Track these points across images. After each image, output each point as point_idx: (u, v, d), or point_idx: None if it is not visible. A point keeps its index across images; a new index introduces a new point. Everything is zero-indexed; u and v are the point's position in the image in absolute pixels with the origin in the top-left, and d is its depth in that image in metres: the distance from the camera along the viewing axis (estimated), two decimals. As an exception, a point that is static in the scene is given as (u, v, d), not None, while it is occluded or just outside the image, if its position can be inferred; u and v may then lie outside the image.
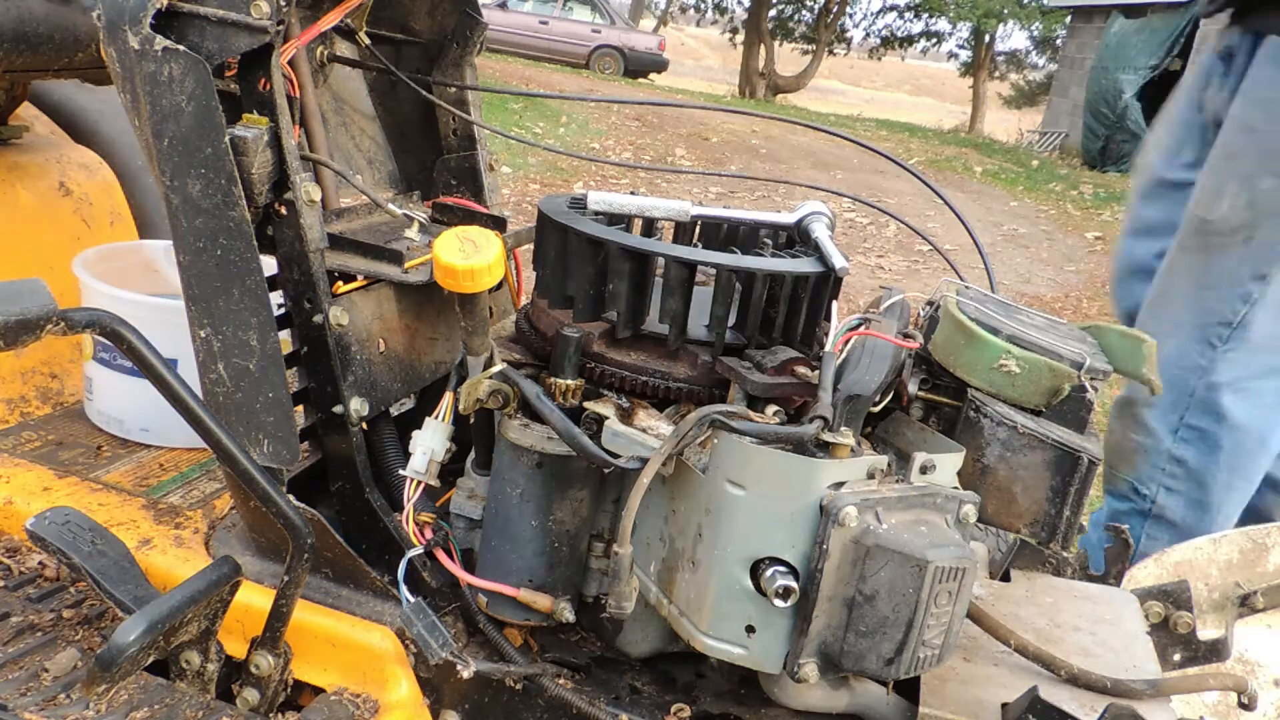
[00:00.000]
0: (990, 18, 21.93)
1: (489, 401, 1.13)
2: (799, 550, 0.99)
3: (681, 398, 1.14)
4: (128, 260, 1.88)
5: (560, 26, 18.83)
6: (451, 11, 1.52)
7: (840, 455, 1.00)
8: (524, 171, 8.17)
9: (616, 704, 1.24)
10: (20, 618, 1.30)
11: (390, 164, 1.65)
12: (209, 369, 1.20)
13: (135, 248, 1.94)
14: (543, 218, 1.20)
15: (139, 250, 1.93)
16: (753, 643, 1.03)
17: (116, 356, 1.66)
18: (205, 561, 1.32)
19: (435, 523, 1.26)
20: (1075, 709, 1.06)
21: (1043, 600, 1.35)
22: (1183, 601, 1.50)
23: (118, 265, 1.82)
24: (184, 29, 1.12)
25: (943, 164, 13.16)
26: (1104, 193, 12.44)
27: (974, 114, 23.41)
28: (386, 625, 1.27)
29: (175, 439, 1.72)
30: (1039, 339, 1.17)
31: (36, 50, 1.66)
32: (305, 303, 1.23)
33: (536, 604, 1.17)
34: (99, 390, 1.73)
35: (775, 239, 1.32)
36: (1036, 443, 1.14)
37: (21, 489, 1.51)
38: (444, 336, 1.45)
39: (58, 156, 2.04)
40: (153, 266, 1.92)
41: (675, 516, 1.08)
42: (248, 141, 1.13)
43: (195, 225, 1.15)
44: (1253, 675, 1.67)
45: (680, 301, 1.11)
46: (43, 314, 0.96)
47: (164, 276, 1.91)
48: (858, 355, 1.11)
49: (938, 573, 0.96)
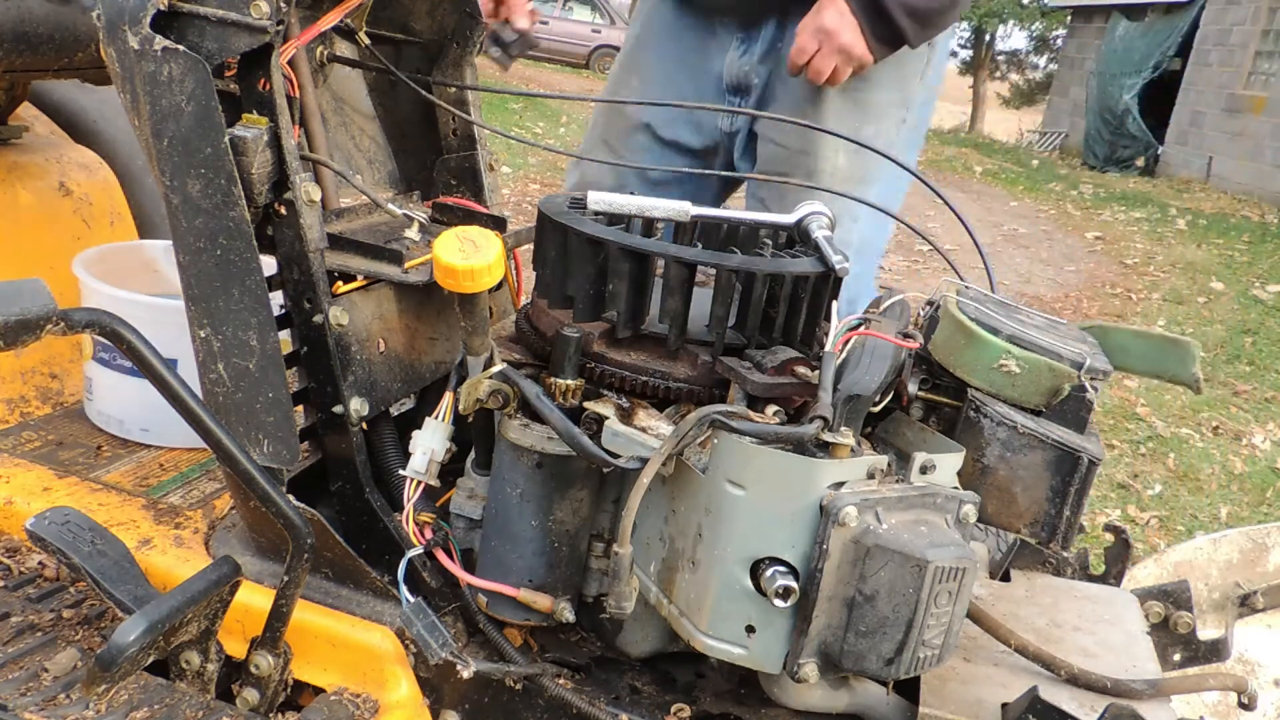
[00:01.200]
0: (991, 17, 21.92)
1: (489, 401, 1.13)
2: (799, 550, 0.99)
3: (681, 398, 1.14)
4: (128, 260, 1.88)
5: (560, 26, 18.82)
6: (451, 11, 1.52)
7: (840, 455, 1.00)
8: (524, 171, 8.17)
9: (616, 704, 1.24)
10: (20, 618, 1.30)
11: (390, 164, 1.65)
12: (209, 369, 1.20)
13: (135, 248, 1.94)
14: (543, 218, 1.20)
15: (139, 250, 1.93)
16: (753, 643, 1.03)
17: (116, 356, 1.66)
18: (205, 561, 1.32)
19: (435, 523, 1.26)
20: (1075, 709, 1.06)
21: (1043, 600, 1.35)
22: (1183, 601, 1.50)
23: (118, 265, 1.82)
24: (184, 29, 1.12)
25: (943, 164, 13.16)
26: (1104, 193, 12.44)
27: (974, 114, 23.41)
28: (386, 625, 1.27)
29: (175, 439, 1.71)
30: (1039, 339, 1.17)
31: (36, 50, 1.66)
32: (305, 303, 1.23)
33: (536, 604, 1.17)
34: (99, 390, 1.72)
35: (775, 239, 1.32)
36: (1036, 443, 1.14)
37: (21, 489, 1.51)
38: (444, 336, 1.45)
39: (58, 156, 2.04)
40: (153, 266, 1.92)
41: (675, 516, 1.08)
42: (247, 141, 1.13)
43: (195, 225, 1.15)
44: (1253, 675, 1.67)
45: (680, 301, 1.11)
46: (43, 314, 0.96)
47: (164, 276, 1.91)
48: (858, 355, 1.11)
49: (938, 573, 0.96)
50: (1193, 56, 14.82)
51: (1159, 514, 3.58)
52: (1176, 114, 14.98)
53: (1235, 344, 6.05)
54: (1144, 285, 7.65)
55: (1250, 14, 13.92)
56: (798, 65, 1.83)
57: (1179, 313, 6.82)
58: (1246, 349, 5.96)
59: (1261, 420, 4.74)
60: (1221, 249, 9.30)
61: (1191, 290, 7.53)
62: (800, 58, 1.81)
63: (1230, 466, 4.12)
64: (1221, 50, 14.34)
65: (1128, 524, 3.29)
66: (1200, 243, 9.53)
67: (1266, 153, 13.02)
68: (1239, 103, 13.75)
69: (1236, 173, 13.47)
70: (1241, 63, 13.95)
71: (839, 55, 1.78)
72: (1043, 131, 19.28)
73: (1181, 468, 4.03)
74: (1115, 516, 3.47)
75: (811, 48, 1.79)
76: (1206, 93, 14.48)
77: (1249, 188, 13.03)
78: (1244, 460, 4.21)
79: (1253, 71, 13.85)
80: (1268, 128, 13.06)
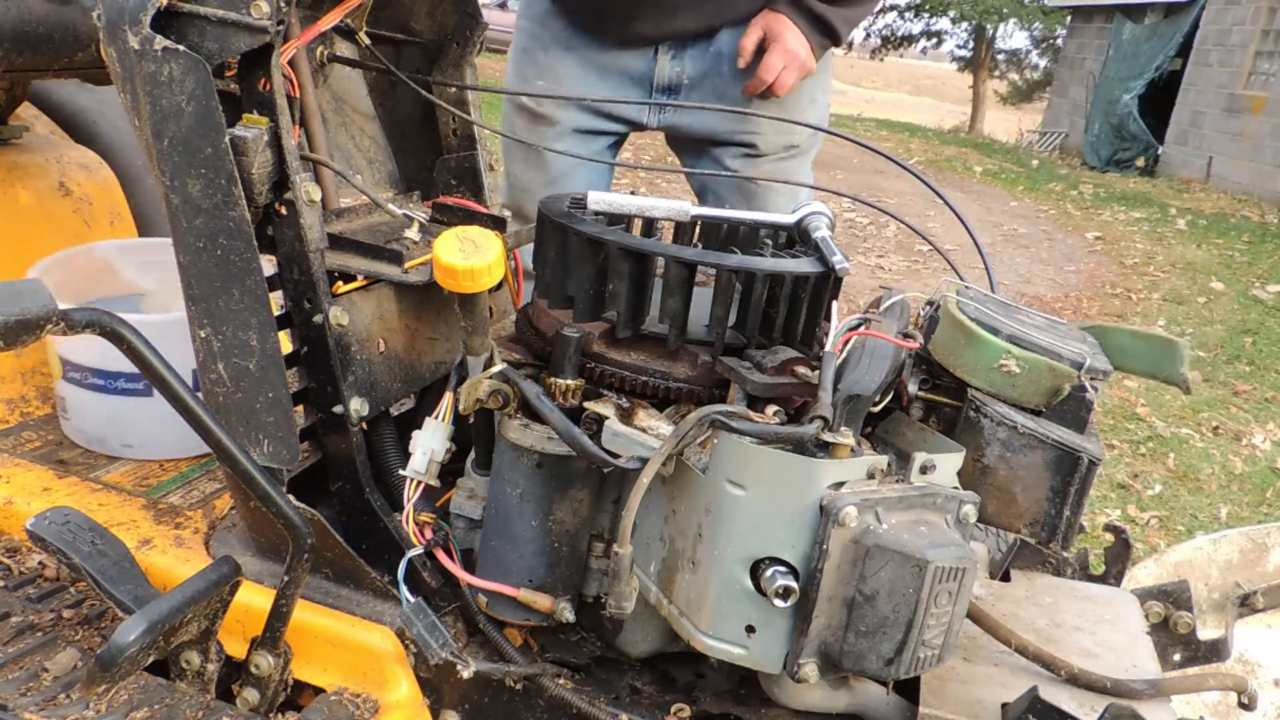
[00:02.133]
0: (992, 14, 21.90)
1: (489, 401, 1.13)
2: (799, 550, 0.99)
3: (681, 398, 1.14)
4: (80, 266, 1.81)
5: (560, 26, 18.78)
6: (451, 11, 1.52)
7: (840, 455, 1.00)
8: (524, 171, 8.14)
9: (616, 704, 1.24)
10: (20, 618, 1.30)
11: (390, 164, 1.65)
12: (209, 369, 1.20)
13: (86, 251, 1.86)
14: (543, 218, 1.20)
15: (90, 254, 1.86)
16: (753, 643, 1.03)
17: (87, 376, 1.61)
18: (205, 561, 1.32)
19: (435, 523, 1.26)
20: (1075, 709, 1.06)
21: (1043, 600, 1.35)
22: (1183, 601, 1.50)
23: (70, 273, 1.77)
24: (184, 29, 1.12)
25: (943, 164, 13.16)
26: (1104, 193, 12.44)
27: (974, 114, 23.39)
28: (386, 625, 1.27)
29: (159, 451, 1.67)
30: (1039, 339, 1.17)
31: (36, 50, 1.66)
32: (305, 303, 1.23)
33: (536, 604, 1.17)
34: (74, 409, 1.67)
35: (775, 239, 1.32)
36: (1036, 443, 1.14)
37: (21, 489, 1.51)
38: (444, 336, 1.45)
39: (58, 156, 2.04)
40: (108, 267, 1.85)
41: (675, 516, 1.08)
42: (248, 141, 1.13)
43: (195, 225, 1.15)
44: (1253, 675, 1.67)
45: (680, 301, 1.11)
46: (43, 314, 0.96)
47: (120, 278, 1.86)
48: (858, 355, 1.11)
49: (938, 573, 0.96)
50: (1193, 56, 14.82)
51: (1159, 514, 3.58)
52: (1176, 114, 14.98)
53: (1235, 344, 6.05)
54: (1144, 285, 7.66)
55: (1250, 14, 13.92)
56: (765, 82, 1.99)
57: (1179, 313, 6.82)
58: (1246, 349, 5.96)
59: (1261, 420, 4.74)
60: (1221, 249, 9.31)
61: (1191, 290, 7.53)
62: (769, 75, 1.98)
63: (1230, 466, 4.12)
64: (1221, 50, 14.34)
65: (1128, 524, 3.29)
66: (1200, 243, 9.53)
67: (1266, 153, 13.02)
68: (1239, 103, 13.75)
69: (1236, 173, 13.47)
70: (1241, 63, 13.95)
71: (799, 70, 2.01)
72: (1043, 131, 19.28)
73: (1181, 468, 4.03)
74: (1115, 516, 3.47)
75: (778, 67, 1.98)
76: (1206, 93, 14.48)
77: (1249, 188, 13.03)
78: (1244, 460, 4.21)
79: (1253, 71, 13.85)
80: (1268, 128, 13.06)
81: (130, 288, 1.87)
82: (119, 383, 1.60)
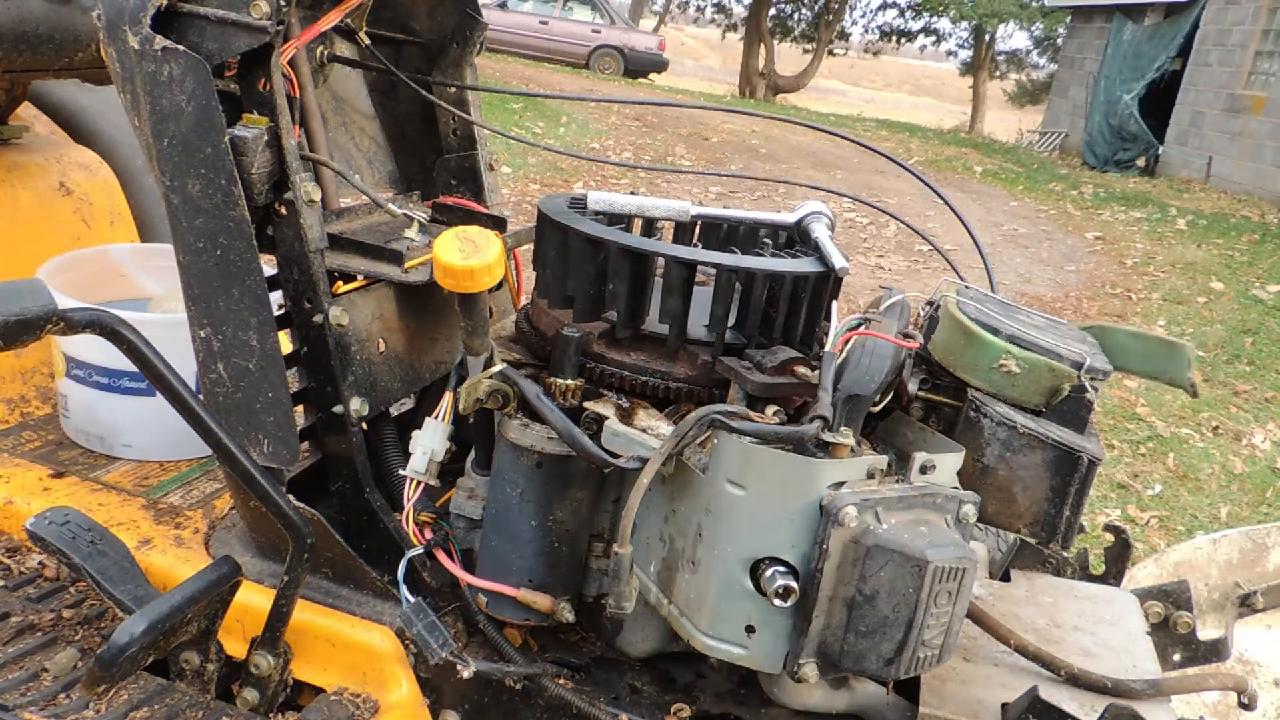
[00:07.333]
0: (991, 16, 21.91)
1: (489, 401, 1.13)
2: (799, 550, 0.99)
3: (681, 398, 1.14)
4: (91, 268, 1.82)
5: (560, 26, 18.82)
6: (451, 11, 1.52)
7: (840, 455, 1.00)
8: (524, 171, 8.17)
9: (616, 704, 1.24)
10: (20, 618, 1.30)
11: (390, 164, 1.65)
12: (209, 369, 1.20)
13: (99, 254, 1.86)
14: (543, 218, 1.20)
15: (104, 256, 1.86)
16: (753, 643, 1.03)
17: (91, 374, 1.61)
18: (205, 561, 1.32)
19: (435, 523, 1.26)
20: (1075, 709, 1.06)
21: (1043, 600, 1.35)
22: (1183, 601, 1.50)
23: (81, 274, 1.76)
24: (184, 29, 1.12)
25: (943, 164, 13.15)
26: (1104, 193, 12.43)
27: (974, 114, 23.40)
28: (386, 625, 1.27)
29: (159, 453, 1.66)
30: (1039, 339, 1.17)
31: (36, 50, 1.66)
32: (305, 303, 1.23)
33: (536, 604, 1.17)
34: (75, 408, 1.67)
35: (775, 239, 1.32)
36: (1036, 443, 1.14)
37: (21, 489, 1.51)
38: (444, 336, 1.45)
39: (58, 156, 2.04)
40: (120, 271, 1.86)
41: (675, 516, 1.08)
42: (248, 141, 1.13)
43: (195, 225, 1.15)
44: (1253, 675, 1.67)
45: (680, 301, 1.11)
46: (43, 314, 0.97)
47: (131, 281, 1.86)
48: (858, 355, 1.11)
49: (938, 573, 0.96)
50: (1193, 56, 14.81)
51: (1159, 514, 3.58)
52: (1176, 114, 14.97)
53: (1235, 344, 6.05)
54: (1144, 285, 7.65)
55: (1250, 14, 13.92)
56: None
57: (1179, 313, 6.82)
58: (1246, 349, 5.96)
59: (1261, 420, 4.74)
60: (1221, 249, 9.30)
61: (1191, 290, 7.53)
62: None
63: (1230, 466, 4.12)
64: (1221, 50, 14.34)
65: (1128, 524, 3.29)
66: (1200, 243, 9.53)
67: (1266, 153, 13.01)
68: (1239, 103, 13.74)
69: (1236, 173, 13.47)
70: (1241, 63, 13.95)
71: None
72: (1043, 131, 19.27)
73: (1181, 468, 4.04)
74: (1115, 516, 3.47)
75: None
76: (1206, 93, 14.47)
77: (1249, 188, 13.02)
78: (1244, 460, 4.21)
79: (1253, 71, 13.85)
80: (1268, 128, 13.06)
81: (139, 291, 1.87)
82: (122, 381, 1.60)
